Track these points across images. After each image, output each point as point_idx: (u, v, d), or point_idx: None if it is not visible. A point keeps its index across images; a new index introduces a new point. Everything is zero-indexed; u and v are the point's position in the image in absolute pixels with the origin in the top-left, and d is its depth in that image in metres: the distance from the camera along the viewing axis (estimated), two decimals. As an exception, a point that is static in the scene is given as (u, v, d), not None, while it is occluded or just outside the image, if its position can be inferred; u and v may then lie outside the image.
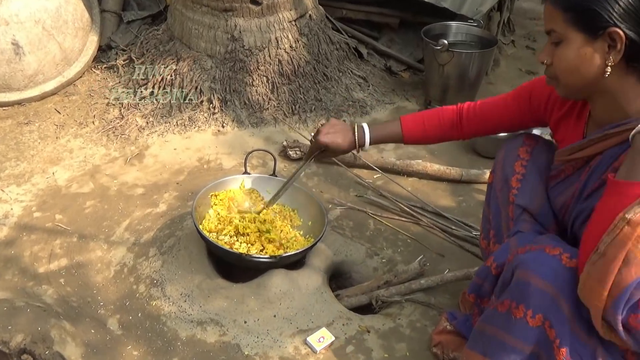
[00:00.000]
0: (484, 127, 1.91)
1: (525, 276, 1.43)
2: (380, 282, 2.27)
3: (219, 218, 2.30)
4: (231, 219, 2.28)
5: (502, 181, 1.82)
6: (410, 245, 2.54)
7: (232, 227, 2.25)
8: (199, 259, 2.25)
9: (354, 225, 2.65)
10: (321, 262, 2.30)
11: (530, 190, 1.75)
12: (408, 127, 1.94)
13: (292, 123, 3.44)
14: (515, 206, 1.75)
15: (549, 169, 1.75)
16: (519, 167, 1.79)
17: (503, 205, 1.80)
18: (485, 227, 1.93)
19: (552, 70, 1.50)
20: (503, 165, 1.83)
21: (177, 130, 3.31)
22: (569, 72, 1.45)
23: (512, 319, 1.47)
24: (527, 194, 1.74)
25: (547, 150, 1.81)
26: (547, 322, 1.42)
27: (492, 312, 1.55)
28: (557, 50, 1.45)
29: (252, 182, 2.47)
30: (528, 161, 1.79)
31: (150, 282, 2.25)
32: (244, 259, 2.06)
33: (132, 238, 2.51)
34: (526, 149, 1.82)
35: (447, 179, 2.98)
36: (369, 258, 2.45)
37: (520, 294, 1.44)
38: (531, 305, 1.43)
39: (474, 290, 1.78)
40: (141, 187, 2.87)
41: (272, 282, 2.12)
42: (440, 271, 2.33)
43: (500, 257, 1.65)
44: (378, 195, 2.85)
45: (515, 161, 1.81)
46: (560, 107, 1.69)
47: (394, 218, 2.69)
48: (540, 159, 1.79)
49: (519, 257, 1.48)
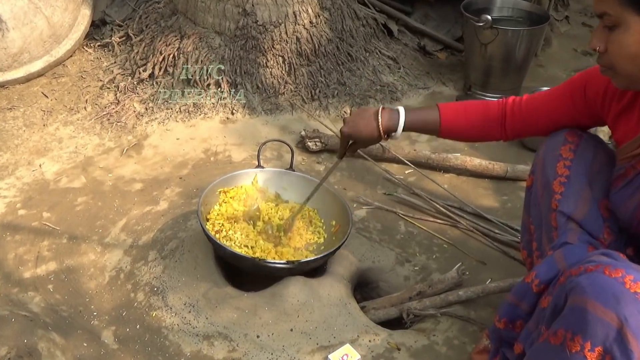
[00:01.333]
0: (530, 125, 1.88)
1: (582, 302, 1.38)
2: (412, 292, 2.27)
3: (228, 216, 2.32)
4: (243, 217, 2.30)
5: (543, 185, 1.80)
6: (446, 251, 2.54)
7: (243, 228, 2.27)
8: (205, 264, 2.27)
9: (382, 227, 2.65)
10: (345, 270, 2.30)
11: (575, 195, 1.72)
12: (447, 117, 1.91)
13: (312, 110, 3.45)
14: (559, 214, 1.72)
15: (599, 169, 1.73)
16: (562, 168, 1.76)
17: (545, 213, 1.78)
18: (524, 236, 1.91)
19: (606, 58, 1.47)
20: (543, 166, 1.81)
21: (180, 118, 3.34)
22: (629, 60, 1.42)
23: (567, 353, 1.41)
24: (572, 200, 1.71)
25: (594, 148, 1.78)
26: (608, 356, 1.36)
27: (543, 346, 1.50)
28: (612, 35, 1.43)
29: (266, 178, 2.49)
30: (572, 161, 1.76)
31: (150, 289, 2.27)
32: (258, 265, 2.08)
33: (129, 240, 2.53)
34: (569, 147, 1.78)
35: (490, 176, 2.97)
36: (399, 265, 2.45)
37: (576, 323, 1.40)
38: (589, 336, 1.37)
39: (507, 313, 1.73)
40: (139, 182, 2.90)
41: (288, 291, 2.13)
42: (482, 281, 2.32)
43: (545, 274, 1.61)
44: (410, 193, 2.85)
45: (557, 162, 1.78)
46: (619, 99, 1.65)
47: (428, 220, 2.69)
48: (586, 158, 1.75)
49: (573, 280, 1.43)
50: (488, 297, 2.25)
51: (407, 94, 3.67)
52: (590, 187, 1.72)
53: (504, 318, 1.74)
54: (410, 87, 3.72)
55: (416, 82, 3.78)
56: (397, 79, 3.75)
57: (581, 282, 1.40)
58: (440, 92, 3.74)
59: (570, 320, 1.42)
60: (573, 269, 1.47)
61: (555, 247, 1.69)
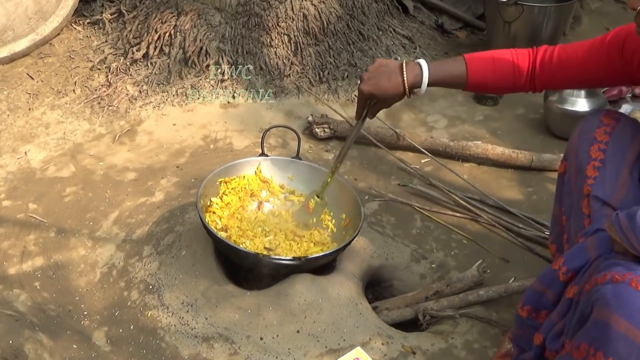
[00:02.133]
0: (560, 78, 1.88)
1: (606, 316, 1.39)
2: (428, 292, 2.27)
3: (230, 208, 2.34)
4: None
5: (576, 171, 1.79)
6: (466, 248, 2.54)
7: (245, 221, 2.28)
8: (204, 260, 2.28)
9: (396, 221, 2.66)
10: (356, 267, 2.31)
11: (611, 179, 1.72)
12: (474, 70, 1.89)
13: (320, 93, 3.45)
14: (592, 198, 1.72)
15: (639, 154, 1.73)
16: (596, 152, 1.77)
17: (576, 200, 1.78)
18: (554, 228, 1.91)
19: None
20: (577, 150, 1.81)
21: (177, 102, 3.34)
22: None
23: None
24: (607, 185, 1.71)
25: (631, 131, 1.78)
26: None
27: (566, 359, 1.54)
28: None
29: (271, 167, 2.49)
30: (607, 144, 1.76)
31: (145, 287, 2.28)
32: (262, 261, 2.08)
33: (122, 233, 2.54)
34: (604, 130, 1.79)
35: (514, 165, 2.97)
36: (414, 262, 2.46)
37: (599, 339, 1.40)
38: (611, 353, 1.38)
39: (531, 300, 1.74)
40: (133, 171, 2.91)
41: (295, 289, 2.13)
42: (505, 280, 2.33)
43: (573, 261, 1.62)
44: (426, 184, 2.85)
45: (591, 145, 1.78)
46: None
47: (447, 213, 2.69)
48: (623, 142, 1.76)
49: (599, 290, 1.43)
50: (511, 298, 2.25)
51: (423, 76, 3.66)
52: (629, 172, 1.72)
53: (528, 305, 1.74)
54: (426, 69, 3.71)
55: (433, 64, 3.77)
56: (412, 59, 3.74)
57: (606, 294, 1.40)
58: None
59: (593, 335, 1.43)
60: (599, 276, 1.47)
61: (587, 234, 1.68)
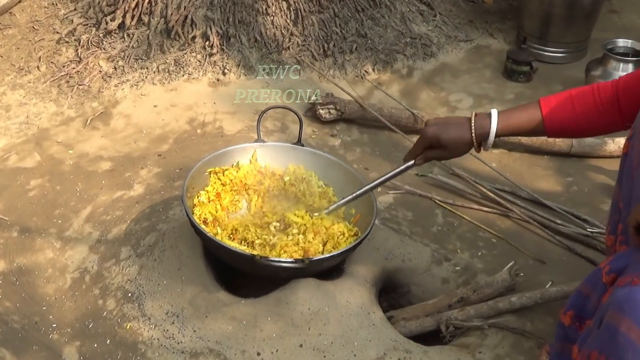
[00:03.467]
0: None
1: (617, 320, 1.39)
2: (452, 299, 2.27)
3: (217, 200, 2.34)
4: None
5: (639, 155, 1.79)
6: (495, 247, 2.54)
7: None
8: (191, 263, 2.28)
9: (414, 217, 2.65)
10: (367, 270, 2.31)
11: None
12: (551, 110, 1.92)
13: (324, 69, 3.44)
14: None
15: None
16: None
17: (637, 188, 1.78)
18: (613, 217, 1.90)
19: None
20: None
21: (159, 80, 3.34)
22: None
23: None
24: None
25: None
26: None
27: None
28: None
29: (268, 154, 2.48)
30: None
31: (123, 295, 2.28)
32: (259, 264, 2.07)
33: (95, 233, 2.54)
34: None
35: (550, 152, 2.97)
36: (435, 264, 2.45)
37: (608, 345, 1.42)
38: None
39: (576, 304, 1.72)
40: (108, 160, 2.90)
41: (297, 297, 2.13)
42: (540, 284, 2.32)
43: (619, 261, 1.62)
44: (449, 174, 2.85)
45: None
46: None
47: (473, 207, 2.69)
48: None
49: (615, 293, 1.44)
50: (548, 305, 2.24)
51: (445, 48, 3.66)
52: None
53: (571, 310, 1.73)
54: (448, 40, 3.71)
55: (456, 34, 3.76)
56: (431, 29, 3.73)
57: (619, 297, 1.41)
58: (486, 46, 3.72)
59: (603, 340, 1.44)
60: (623, 277, 1.48)
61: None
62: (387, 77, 3.50)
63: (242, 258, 2.12)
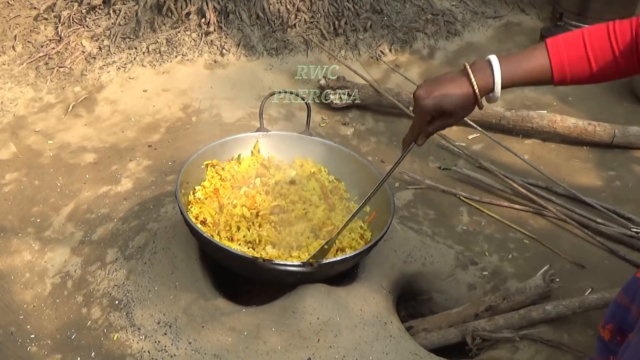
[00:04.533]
0: None
1: None
2: (479, 307, 2.27)
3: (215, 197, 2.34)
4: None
5: None
6: (528, 249, 2.54)
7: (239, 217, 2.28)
8: (186, 267, 2.28)
9: (436, 215, 2.66)
10: (384, 275, 2.31)
11: None
12: (560, 56, 1.88)
13: (335, 49, 3.44)
14: None
15: None
16: None
17: None
18: None
19: None
20: None
21: (149, 61, 3.34)
22: None
23: None
24: None
25: None
26: None
27: None
28: None
29: (272, 145, 2.49)
30: None
31: (110, 303, 2.28)
32: (261, 267, 2.07)
33: (78, 233, 2.55)
34: None
35: (590, 142, 2.97)
36: (460, 269, 2.46)
37: None
38: None
39: (615, 316, 1.74)
40: (92, 151, 2.91)
41: (305, 305, 2.13)
42: (579, 291, 2.32)
43: None
44: (475, 167, 2.85)
45: None
46: None
47: (502, 205, 2.69)
48: None
49: None
50: (587, 314, 2.24)
51: (470, 25, 3.66)
52: None
53: (610, 323, 1.75)
54: (474, 17, 3.70)
55: (483, 9, 3.76)
56: (455, 4, 3.73)
57: None
58: (517, 23, 3.71)
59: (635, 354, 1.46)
60: None
61: None
62: (405, 58, 3.50)
63: (243, 261, 2.11)
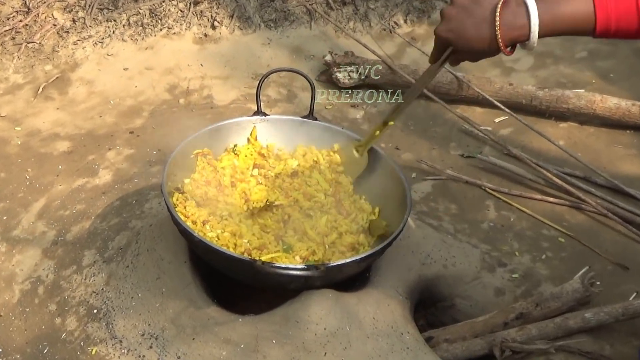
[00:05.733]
0: None
1: None
2: (509, 315, 2.27)
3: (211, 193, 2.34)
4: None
5: None
6: (564, 248, 2.53)
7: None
8: (174, 270, 2.28)
9: (459, 210, 2.66)
10: (399, 279, 2.31)
11: None
12: (607, 6, 1.86)
13: (342, 20, 3.44)
14: None
15: None
16: None
17: None
18: None
19: None
20: None
21: (130, 35, 3.34)
22: None
23: None
24: None
25: None
26: None
27: None
28: None
29: (271, 131, 2.49)
30: None
31: (87, 312, 2.28)
32: (260, 271, 2.06)
33: (51, 232, 2.55)
34: None
35: (634, 125, 2.97)
36: (487, 271, 2.45)
37: None
38: None
39: None
40: (65, 139, 2.91)
41: (310, 313, 2.12)
42: (622, 296, 2.32)
43: None
44: (503, 154, 2.85)
45: None
46: None
47: (534, 197, 2.69)
48: None
49: None
50: (633, 322, 2.24)
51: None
52: None
53: None
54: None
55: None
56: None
57: None
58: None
59: None
60: None
61: None
62: (423, 30, 3.50)
63: (239, 264, 2.10)
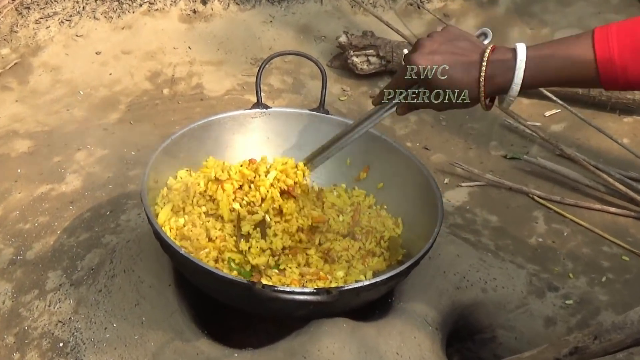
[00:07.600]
0: None
1: None
2: (561, 350, 2.28)
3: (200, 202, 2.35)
4: None
5: None
6: (628, 269, 2.55)
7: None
8: (156, 295, 2.29)
9: (501, 222, 2.67)
10: (428, 306, 2.32)
11: None
12: (608, 46, 1.87)
13: (359, -6, 3.47)
14: None
15: None
16: None
17: None
18: None
19: None
20: None
21: (103, 12, 3.35)
22: None
23: None
24: None
25: None
26: None
27: None
28: None
29: (274, 127, 2.51)
30: None
31: (52, 346, 2.29)
32: (260, 296, 2.07)
33: (7, 250, 2.57)
34: None
35: None
36: (535, 296, 2.46)
37: None
38: None
39: None
40: (26, 137, 2.94)
41: (320, 347, 2.13)
42: (700, 327, 2.33)
43: None
44: (554, 155, 2.87)
45: None
46: None
47: (593, 208, 2.71)
48: None
49: None
50: None
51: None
52: None
53: None
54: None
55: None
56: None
57: None
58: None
59: None
60: None
61: None
62: (457, 5, 3.51)
63: (235, 288, 2.10)
